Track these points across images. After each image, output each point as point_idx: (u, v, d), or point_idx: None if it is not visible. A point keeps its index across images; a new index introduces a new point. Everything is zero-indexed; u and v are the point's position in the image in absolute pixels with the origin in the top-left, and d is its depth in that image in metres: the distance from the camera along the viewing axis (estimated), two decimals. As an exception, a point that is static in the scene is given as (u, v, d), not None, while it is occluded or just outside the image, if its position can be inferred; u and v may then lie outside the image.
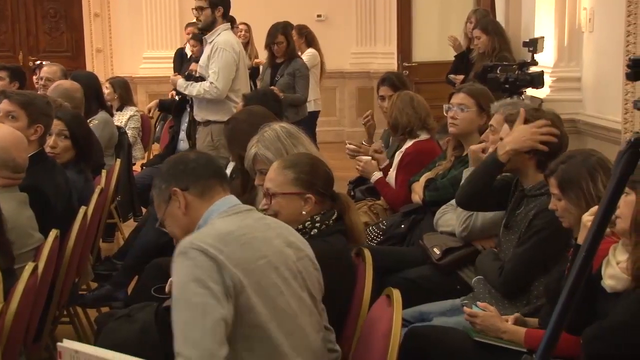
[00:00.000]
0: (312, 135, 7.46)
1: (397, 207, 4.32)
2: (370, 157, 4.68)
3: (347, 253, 2.82)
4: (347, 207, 2.87)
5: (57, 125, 4.11)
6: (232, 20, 8.09)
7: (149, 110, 7.10)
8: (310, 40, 8.07)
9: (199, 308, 2.04)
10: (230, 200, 2.36)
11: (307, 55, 7.90)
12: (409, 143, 4.49)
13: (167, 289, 2.86)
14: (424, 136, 4.50)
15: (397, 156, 4.53)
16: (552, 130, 3.14)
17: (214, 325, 2.03)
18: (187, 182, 2.35)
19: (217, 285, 2.07)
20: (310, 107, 7.67)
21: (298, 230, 2.73)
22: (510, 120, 3.31)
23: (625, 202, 2.36)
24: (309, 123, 7.50)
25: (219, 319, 2.04)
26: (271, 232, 2.31)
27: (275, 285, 2.19)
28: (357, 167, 4.63)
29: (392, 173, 4.52)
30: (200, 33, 8.03)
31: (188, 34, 8.23)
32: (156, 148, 7.65)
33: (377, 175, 4.52)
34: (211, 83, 5.56)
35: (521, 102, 4.16)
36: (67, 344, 2.18)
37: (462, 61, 7.02)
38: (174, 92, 7.43)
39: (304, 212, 2.76)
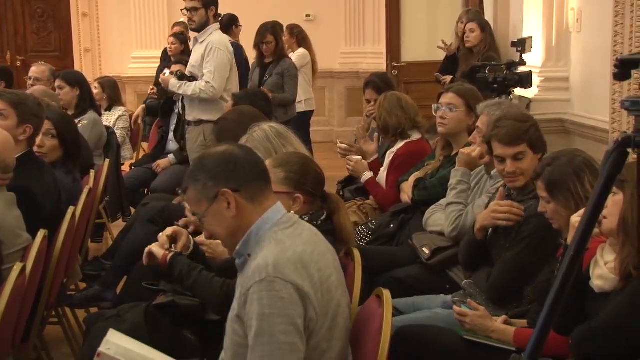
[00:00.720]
0: (306, 135, 7.51)
1: (388, 207, 4.32)
2: (360, 157, 4.69)
3: None
4: (337, 208, 2.87)
5: (44, 124, 4.10)
6: (234, 19, 8.09)
7: (136, 119, 7.06)
8: (301, 40, 8.08)
9: (285, 347, 2.07)
10: (280, 208, 2.32)
11: (297, 55, 7.91)
12: (400, 144, 4.50)
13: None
14: (415, 136, 4.51)
15: (388, 156, 4.54)
16: (513, 211, 3.07)
17: None
18: (238, 184, 2.24)
19: (301, 319, 2.10)
20: (302, 107, 7.68)
21: None
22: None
23: (613, 202, 2.37)
24: (302, 123, 7.56)
25: (301, 357, 2.10)
26: (322, 246, 2.32)
27: (338, 304, 2.24)
28: (348, 166, 4.64)
29: (383, 173, 4.52)
30: (181, 34, 8.09)
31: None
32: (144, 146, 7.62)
33: (367, 175, 4.52)
34: (207, 82, 5.55)
35: (506, 102, 4.15)
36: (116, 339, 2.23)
37: (452, 62, 7.04)
38: (154, 90, 7.41)
39: (292, 212, 2.75)
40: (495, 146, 3.16)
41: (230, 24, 7.93)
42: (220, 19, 8.14)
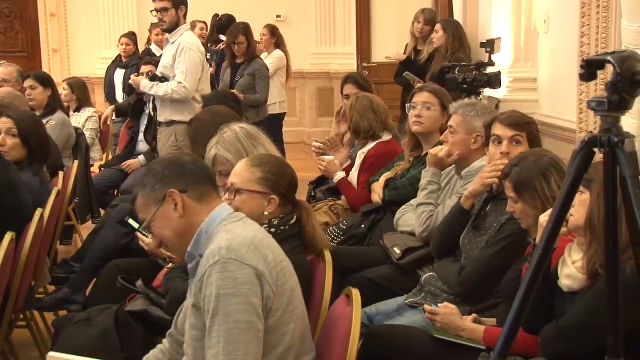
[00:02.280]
0: (279, 136, 7.52)
1: (359, 207, 4.33)
2: (333, 157, 4.70)
3: (293, 258, 2.80)
4: (308, 215, 2.85)
5: (5, 123, 4.17)
6: (233, 20, 8.01)
7: (105, 120, 7.02)
8: (280, 42, 8.07)
9: (242, 326, 2.07)
10: (227, 207, 2.36)
11: (274, 57, 7.89)
12: (371, 144, 4.51)
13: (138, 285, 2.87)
14: (386, 136, 4.53)
15: (359, 157, 4.55)
16: (496, 167, 3.15)
17: (255, 341, 2.10)
18: (185, 184, 2.29)
19: (257, 299, 2.11)
20: (276, 109, 7.68)
21: None
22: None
23: (580, 200, 2.40)
24: (275, 124, 7.56)
25: (260, 336, 2.11)
26: (272, 238, 2.33)
27: (292, 289, 2.24)
28: (320, 166, 4.64)
29: (354, 173, 4.53)
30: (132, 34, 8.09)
31: (157, 34, 8.17)
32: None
33: (339, 175, 4.53)
34: (179, 82, 5.52)
35: (479, 102, 4.19)
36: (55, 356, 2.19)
37: (408, 66, 6.95)
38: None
39: (265, 213, 2.75)
40: (497, 127, 3.24)
41: (229, 25, 7.91)
42: (218, 18, 8.13)
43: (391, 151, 4.46)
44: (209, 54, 7.73)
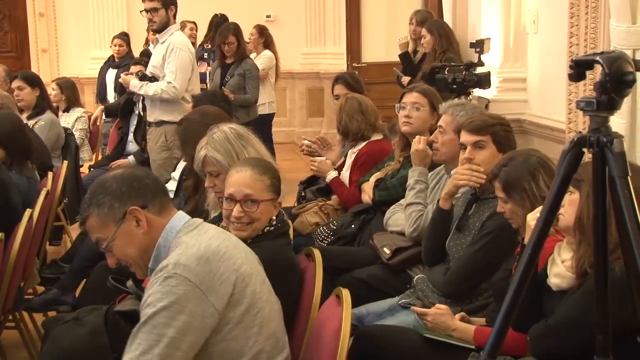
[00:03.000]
0: (269, 136, 7.53)
1: (352, 206, 4.34)
2: (325, 157, 4.70)
3: (286, 254, 2.81)
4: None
5: None
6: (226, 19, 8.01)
7: (95, 121, 7.01)
8: (269, 42, 8.08)
9: (164, 340, 2.05)
10: (183, 215, 2.33)
11: (264, 57, 7.92)
12: (362, 144, 4.51)
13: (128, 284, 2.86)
14: (376, 137, 4.53)
15: (350, 156, 4.55)
16: (473, 173, 3.17)
17: (172, 358, 2.06)
18: (144, 200, 2.25)
19: (191, 317, 2.07)
20: (266, 109, 7.68)
21: (258, 235, 2.74)
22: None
23: (570, 201, 2.41)
24: (264, 125, 7.58)
25: (180, 355, 2.07)
26: (232, 239, 2.32)
27: (254, 291, 2.21)
28: (312, 167, 4.64)
29: (346, 173, 4.53)
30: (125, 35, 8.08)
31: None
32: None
33: (332, 174, 4.52)
34: (169, 83, 5.52)
35: (469, 102, 4.19)
36: None
37: (405, 61, 7.10)
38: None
39: (273, 218, 2.78)
40: (462, 134, 3.26)
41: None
42: (219, 17, 8.11)
43: (382, 150, 4.46)
44: (206, 53, 7.74)
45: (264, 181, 2.78)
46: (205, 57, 7.68)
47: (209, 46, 8.22)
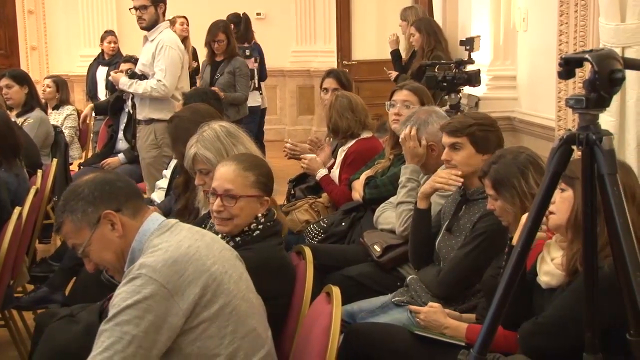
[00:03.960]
0: (260, 131, 7.62)
1: (342, 204, 4.34)
2: (315, 155, 4.69)
3: (278, 254, 2.79)
4: (276, 206, 2.90)
5: None
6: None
7: (85, 119, 6.99)
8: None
9: (127, 337, 2.05)
10: (157, 217, 2.32)
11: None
12: (351, 141, 4.52)
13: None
14: (365, 134, 4.53)
15: (340, 154, 4.56)
16: (451, 177, 3.23)
17: (135, 357, 2.06)
18: (118, 203, 2.25)
19: (156, 317, 2.07)
20: (265, 102, 7.90)
21: (243, 232, 2.73)
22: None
23: (562, 198, 2.41)
24: (261, 117, 7.67)
25: (142, 354, 2.06)
26: (207, 238, 2.30)
27: (228, 290, 2.20)
28: (302, 164, 4.63)
29: (336, 171, 4.53)
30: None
31: None
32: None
33: (322, 172, 4.52)
34: (159, 81, 5.50)
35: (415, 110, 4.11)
36: None
37: (395, 58, 7.13)
38: None
39: (259, 215, 2.76)
40: (443, 136, 3.31)
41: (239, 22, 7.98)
42: (243, 16, 8.15)
43: (372, 148, 4.47)
44: (248, 51, 7.80)
45: (248, 177, 2.76)
46: (248, 53, 7.74)
47: (245, 44, 8.20)
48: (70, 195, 2.27)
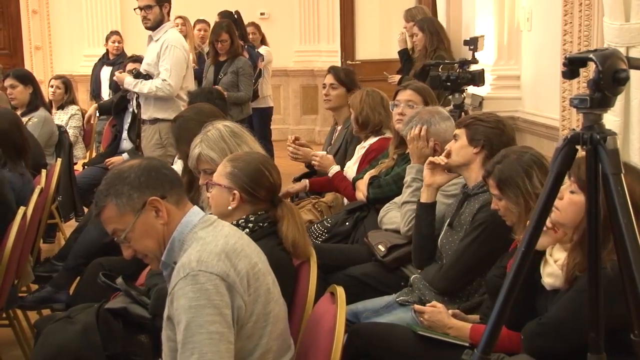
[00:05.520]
0: (268, 131, 7.62)
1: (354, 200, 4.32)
2: (326, 152, 4.69)
3: (276, 254, 2.73)
4: (282, 217, 2.78)
5: None
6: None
7: (89, 119, 7.00)
8: (263, 37, 8.24)
9: (214, 337, 2.04)
10: (199, 210, 2.32)
11: (266, 50, 8.08)
12: (373, 139, 4.49)
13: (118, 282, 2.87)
14: (388, 134, 4.52)
15: (359, 151, 4.53)
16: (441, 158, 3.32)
17: (228, 352, 2.07)
18: (163, 190, 2.23)
19: (228, 310, 2.09)
20: (270, 102, 7.93)
21: None
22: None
23: (570, 200, 2.40)
24: (268, 118, 7.77)
25: (231, 348, 2.08)
26: (245, 238, 2.32)
27: (268, 291, 2.22)
28: (314, 162, 4.61)
29: (354, 166, 4.49)
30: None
31: None
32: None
33: (335, 168, 4.48)
34: (164, 80, 5.51)
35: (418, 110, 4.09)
36: None
37: (404, 58, 7.12)
38: None
39: (229, 208, 2.73)
40: None
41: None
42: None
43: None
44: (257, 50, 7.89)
45: (226, 167, 2.77)
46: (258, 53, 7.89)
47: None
48: (116, 179, 2.23)
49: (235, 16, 7.81)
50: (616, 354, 2.05)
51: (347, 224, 4.09)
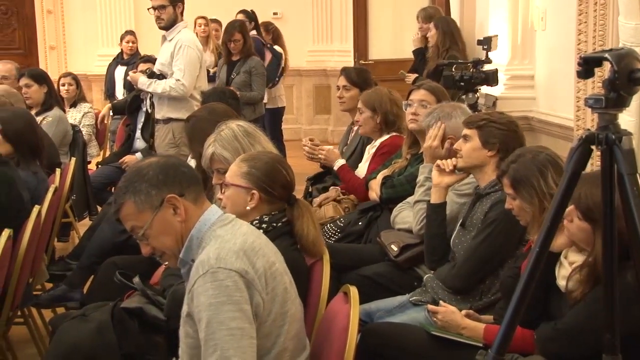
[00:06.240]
0: (279, 131, 7.63)
1: (359, 195, 4.32)
2: (332, 146, 4.69)
3: (290, 255, 2.70)
4: (300, 215, 2.78)
5: None
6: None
7: (103, 118, 7.03)
8: (276, 37, 8.20)
9: (236, 333, 2.05)
10: (217, 209, 2.33)
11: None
12: (385, 137, 4.48)
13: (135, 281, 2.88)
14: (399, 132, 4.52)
15: (369, 150, 4.52)
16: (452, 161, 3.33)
17: (250, 348, 2.08)
18: (181, 188, 2.24)
19: (248, 305, 2.10)
20: (283, 101, 7.95)
21: None
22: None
23: (579, 228, 2.39)
24: (275, 119, 7.77)
25: (253, 343, 2.09)
26: (263, 238, 2.32)
27: (285, 290, 2.23)
28: (320, 155, 4.61)
29: (364, 165, 4.49)
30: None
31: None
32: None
33: (340, 162, 4.49)
34: (177, 80, 5.53)
35: (438, 106, 4.07)
36: None
37: (419, 57, 7.12)
38: None
39: (248, 208, 2.74)
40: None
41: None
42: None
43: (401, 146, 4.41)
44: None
45: (241, 167, 2.77)
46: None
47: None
48: (134, 176, 2.25)
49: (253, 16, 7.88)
50: (631, 356, 2.04)
51: (360, 223, 4.08)
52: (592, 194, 2.26)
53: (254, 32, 7.86)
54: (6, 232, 3.16)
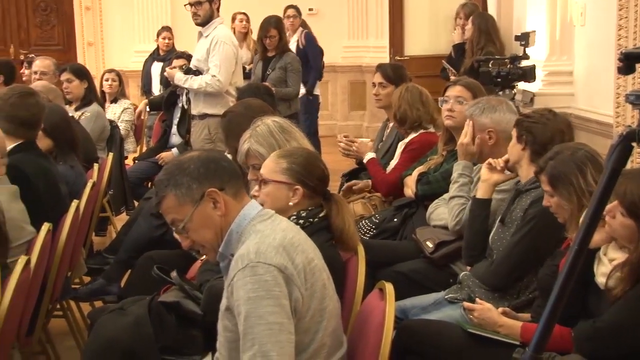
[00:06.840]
0: (314, 122, 7.69)
1: (384, 190, 4.34)
2: (367, 139, 4.70)
3: (327, 252, 2.68)
4: (338, 210, 2.79)
5: None
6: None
7: (140, 114, 7.11)
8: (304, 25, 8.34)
9: (274, 327, 2.07)
10: (256, 204, 2.34)
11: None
12: (414, 134, 4.48)
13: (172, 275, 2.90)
14: (431, 129, 4.50)
15: (400, 147, 4.53)
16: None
17: (289, 343, 2.09)
18: (221, 182, 2.26)
19: (287, 300, 2.11)
20: (317, 90, 8.04)
21: None
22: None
23: (622, 224, 2.36)
24: (311, 109, 7.82)
25: (291, 338, 2.10)
26: (302, 234, 2.33)
27: (323, 286, 2.23)
28: (353, 147, 4.64)
29: (394, 162, 4.50)
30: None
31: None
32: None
33: (370, 155, 4.51)
34: (213, 76, 5.56)
35: (485, 99, 4.04)
36: None
37: (458, 52, 7.05)
38: None
39: (290, 204, 2.74)
40: None
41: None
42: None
43: (433, 143, 4.41)
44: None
45: (280, 163, 2.76)
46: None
47: None
48: (175, 170, 2.27)
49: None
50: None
51: (395, 220, 4.08)
52: (638, 190, 2.22)
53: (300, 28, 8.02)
54: (46, 226, 3.21)
